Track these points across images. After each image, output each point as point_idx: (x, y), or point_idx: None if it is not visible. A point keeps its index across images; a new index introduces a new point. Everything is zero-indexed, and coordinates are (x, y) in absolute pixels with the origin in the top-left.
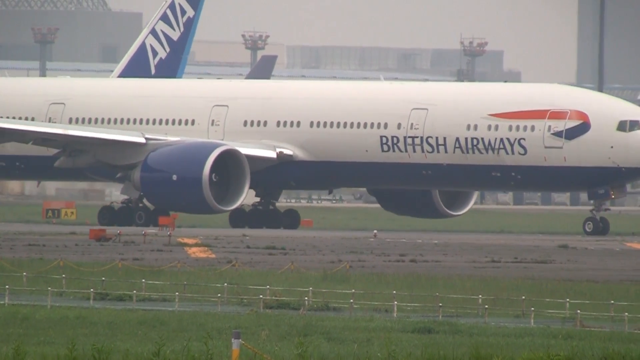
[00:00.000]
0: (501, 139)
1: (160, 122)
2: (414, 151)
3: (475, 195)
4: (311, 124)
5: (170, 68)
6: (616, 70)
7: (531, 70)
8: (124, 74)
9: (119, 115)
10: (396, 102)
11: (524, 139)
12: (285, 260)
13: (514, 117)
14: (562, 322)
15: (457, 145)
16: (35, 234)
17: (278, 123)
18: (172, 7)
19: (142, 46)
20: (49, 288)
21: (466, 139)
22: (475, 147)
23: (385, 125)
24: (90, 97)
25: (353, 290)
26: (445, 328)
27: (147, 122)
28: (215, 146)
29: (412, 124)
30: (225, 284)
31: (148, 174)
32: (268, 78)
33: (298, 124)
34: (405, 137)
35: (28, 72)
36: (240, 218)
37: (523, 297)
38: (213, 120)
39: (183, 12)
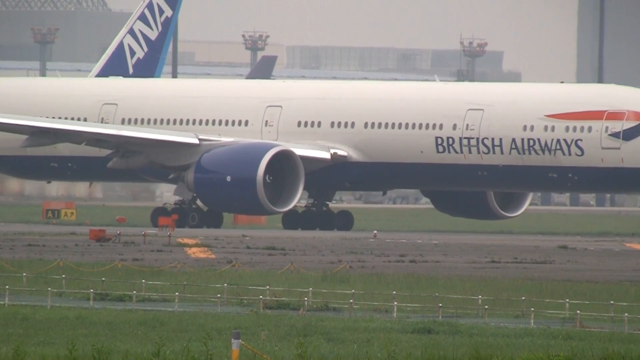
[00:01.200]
0: (558, 140)
1: (214, 122)
2: (470, 152)
3: (530, 197)
4: (365, 124)
5: (148, 68)
6: (616, 70)
7: (531, 71)
8: (101, 74)
9: (171, 116)
10: (452, 102)
11: (581, 140)
12: (285, 260)
13: (570, 118)
14: (562, 323)
15: (513, 146)
16: (35, 234)
17: (332, 124)
18: (150, 7)
19: (120, 46)
20: (49, 288)
21: (522, 139)
22: (531, 148)
23: (441, 126)
24: (142, 97)
25: (353, 291)
26: (445, 328)
27: (200, 122)
28: (269, 147)
29: (467, 125)
30: (225, 285)
31: (202, 175)
32: (268, 78)
33: (352, 124)
34: (460, 138)
35: (28, 73)
36: (293, 219)
37: (523, 298)
38: (267, 121)
39: (161, 11)
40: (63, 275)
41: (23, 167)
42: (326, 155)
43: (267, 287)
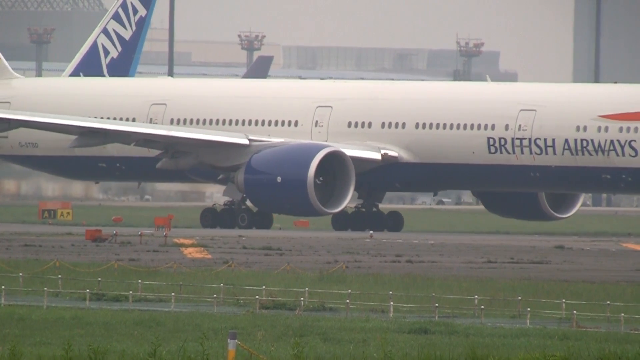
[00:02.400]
0: (611, 141)
1: (263, 123)
2: (522, 153)
3: (582, 198)
4: (417, 125)
5: (122, 67)
6: (612, 70)
7: (527, 71)
8: (74, 73)
9: (220, 116)
10: (504, 103)
11: (634, 140)
12: (282, 260)
13: (624, 119)
14: (558, 323)
15: (566, 147)
16: (32, 234)
17: (383, 124)
18: (124, 6)
19: (94, 45)
20: (45, 288)
21: (575, 140)
22: (584, 149)
23: (493, 127)
24: (191, 97)
25: (349, 291)
26: (442, 329)
27: (250, 123)
28: (320, 148)
29: (520, 125)
30: (222, 285)
31: (252, 176)
32: (264, 78)
33: (403, 125)
34: (513, 139)
35: (24, 73)
36: (343, 221)
37: (519, 298)
38: (317, 121)
39: (135, 11)
40: (59, 276)
41: (71, 167)
42: (377, 156)
43: (264, 287)
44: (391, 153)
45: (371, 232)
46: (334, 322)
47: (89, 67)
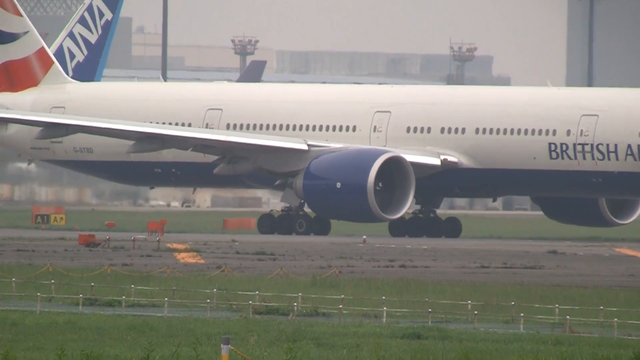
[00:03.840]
0: None
1: (321, 128)
2: (584, 158)
3: None
4: (477, 130)
5: (88, 71)
6: (606, 74)
7: (521, 75)
8: None
9: (277, 121)
10: (565, 108)
11: None
12: (275, 265)
13: None
14: (551, 328)
15: (629, 152)
16: (25, 239)
17: (442, 129)
18: (90, 10)
19: (60, 49)
20: (38, 293)
21: (638, 145)
22: None
23: (554, 132)
24: (248, 102)
25: (342, 296)
26: (435, 334)
27: (307, 128)
28: (380, 153)
29: (582, 131)
30: (215, 290)
31: (311, 182)
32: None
33: (463, 130)
34: (574, 144)
35: None
36: (400, 227)
37: (512, 303)
38: (375, 126)
39: (101, 14)
40: (52, 281)
41: (126, 172)
42: (436, 161)
43: (257, 292)
44: (451, 158)
45: (364, 237)
46: (327, 327)
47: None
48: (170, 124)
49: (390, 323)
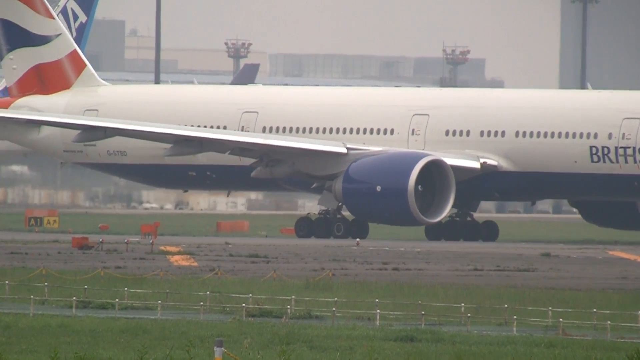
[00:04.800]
0: None
1: (358, 131)
2: (626, 162)
3: None
4: (516, 133)
5: None
6: (599, 77)
7: (514, 78)
8: None
9: (314, 124)
10: (606, 111)
11: None
12: (268, 268)
13: None
14: (544, 331)
15: None
16: (18, 242)
17: (482, 132)
18: (64, 12)
19: None
20: (32, 296)
21: None
22: None
23: (595, 135)
24: (284, 105)
25: (336, 299)
26: (428, 336)
27: (344, 131)
28: (420, 156)
29: (624, 134)
30: (208, 292)
31: (350, 185)
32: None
33: (503, 133)
34: (616, 148)
35: None
36: (436, 230)
37: (505, 306)
38: (413, 130)
39: (75, 17)
40: (46, 283)
41: (161, 176)
42: (476, 164)
43: (250, 295)
44: (490, 162)
45: (358, 239)
46: (320, 330)
47: None
48: (205, 126)
49: (384, 326)
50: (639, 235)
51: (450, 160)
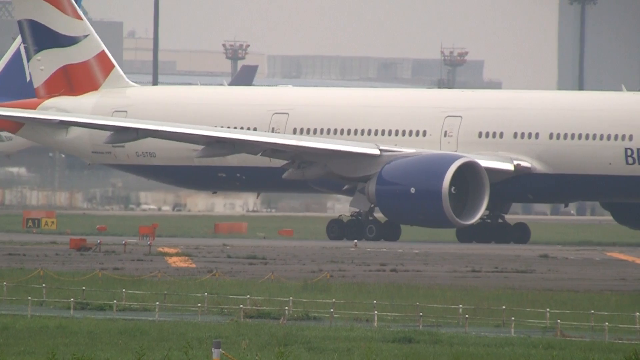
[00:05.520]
0: None
1: (390, 132)
2: None
3: None
4: (550, 135)
5: None
6: (597, 78)
7: (512, 80)
8: None
9: (345, 126)
10: None
11: None
12: (266, 269)
13: None
14: (542, 332)
15: None
16: (16, 243)
17: (515, 134)
18: None
19: (17, 52)
20: (29, 297)
21: None
22: None
23: (630, 137)
24: (314, 107)
25: (333, 300)
26: (426, 338)
27: (376, 132)
28: (454, 158)
29: None
30: (206, 294)
31: (384, 187)
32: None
33: (536, 135)
34: None
35: None
36: (467, 233)
37: (503, 307)
38: (446, 131)
39: None
40: (43, 285)
41: (190, 177)
42: (509, 166)
43: (248, 296)
44: (524, 164)
45: (355, 241)
46: (318, 332)
47: (13, 72)
48: (235, 128)
49: (382, 327)
50: (639, 237)
51: (484, 162)
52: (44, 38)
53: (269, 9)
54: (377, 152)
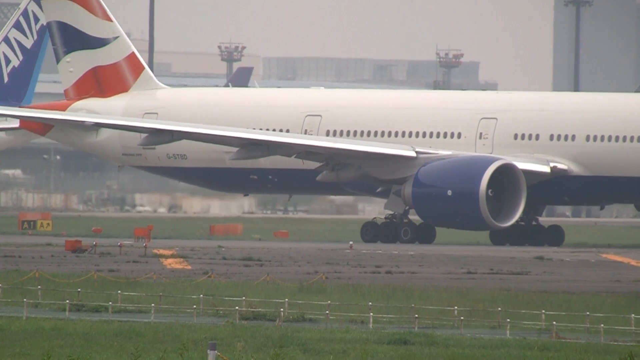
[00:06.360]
0: None
1: (424, 134)
2: None
3: None
4: (587, 137)
5: (24, 76)
6: (592, 81)
7: (507, 81)
8: None
9: (379, 128)
10: None
11: None
12: (261, 271)
13: None
14: (538, 334)
15: None
16: (11, 245)
17: (551, 136)
18: (25, 14)
19: None
20: (25, 299)
21: None
22: None
23: None
24: (348, 108)
25: (329, 302)
26: (421, 339)
27: (410, 134)
28: (492, 160)
29: None
30: (201, 295)
31: (420, 189)
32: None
33: (573, 137)
34: None
35: None
36: (502, 235)
37: (499, 309)
38: (481, 133)
39: (36, 19)
40: (39, 286)
41: (221, 179)
42: (545, 169)
43: (243, 298)
44: (560, 166)
45: (351, 242)
46: (313, 333)
47: None
48: (267, 129)
49: (377, 329)
50: (635, 239)
51: (520, 164)
52: (73, 40)
53: (265, 10)
54: (413, 154)
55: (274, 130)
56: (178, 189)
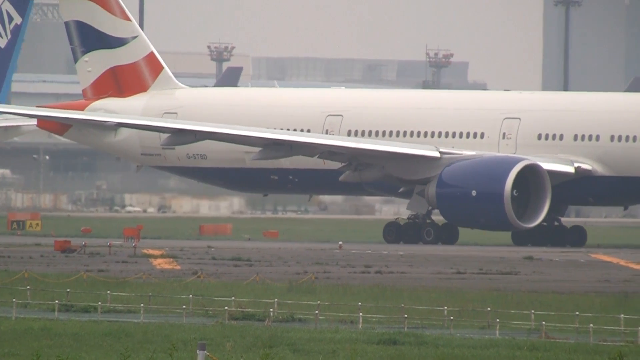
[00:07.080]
0: None
1: (447, 134)
2: None
3: None
4: (612, 137)
5: None
6: (582, 80)
7: (496, 81)
8: None
9: (401, 128)
10: None
11: None
12: (251, 271)
13: None
14: (527, 334)
15: None
16: (0, 245)
17: (575, 136)
18: None
19: None
20: (14, 299)
21: None
22: None
23: None
24: (368, 108)
25: (318, 302)
26: (411, 339)
27: (432, 134)
28: (516, 161)
29: None
30: (191, 296)
31: (444, 190)
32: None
33: (597, 137)
34: None
35: None
36: (524, 236)
37: (488, 309)
38: (504, 133)
39: (10, 19)
40: (28, 287)
41: (241, 180)
42: (570, 169)
43: (233, 298)
44: (584, 166)
45: (340, 242)
46: (303, 333)
47: None
48: (287, 129)
49: (367, 329)
50: (624, 239)
51: (544, 165)
52: (91, 39)
53: (254, 11)
54: (437, 154)
55: (294, 130)
56: (167, 189)
